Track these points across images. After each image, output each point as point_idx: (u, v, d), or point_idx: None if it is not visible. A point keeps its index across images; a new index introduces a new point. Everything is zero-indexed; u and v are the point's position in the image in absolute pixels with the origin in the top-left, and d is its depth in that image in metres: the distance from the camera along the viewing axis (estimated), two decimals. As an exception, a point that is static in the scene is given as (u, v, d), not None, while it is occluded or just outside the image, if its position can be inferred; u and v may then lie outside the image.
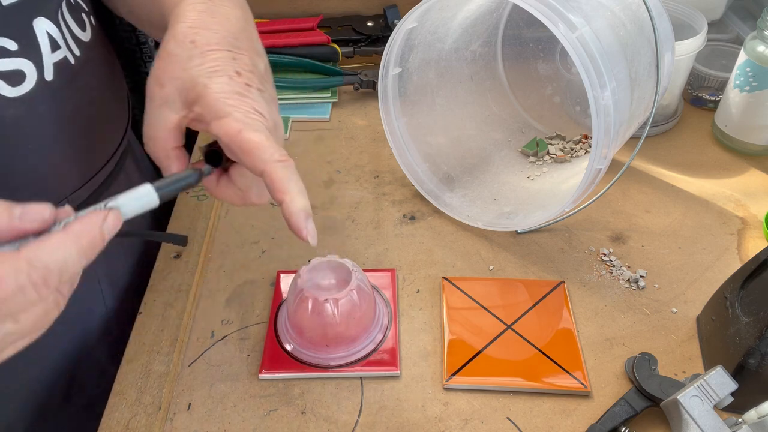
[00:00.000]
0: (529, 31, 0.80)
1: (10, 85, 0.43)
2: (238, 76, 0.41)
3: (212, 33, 0.42)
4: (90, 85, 0.52)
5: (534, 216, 0.64)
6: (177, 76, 0.40)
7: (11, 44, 0.43)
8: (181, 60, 0.41)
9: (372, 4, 0.93)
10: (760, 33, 0.70)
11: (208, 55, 0.41)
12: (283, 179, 0.39)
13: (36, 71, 0.45)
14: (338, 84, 0.86)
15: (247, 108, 0.39)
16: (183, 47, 0.41)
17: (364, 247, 0.67)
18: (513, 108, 0.83)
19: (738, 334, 0.50)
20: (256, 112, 0.40)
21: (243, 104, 0.39)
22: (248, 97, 0.40)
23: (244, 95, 0.40)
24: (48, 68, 0.46)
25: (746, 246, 0.66)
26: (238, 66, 0.41)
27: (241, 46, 0.43)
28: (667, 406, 0.49)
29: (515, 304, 0.60)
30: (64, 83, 0.48)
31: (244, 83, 0.41)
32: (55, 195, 0.50)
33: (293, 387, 0.55)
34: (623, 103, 0.57)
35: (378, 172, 0.77)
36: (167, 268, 0.63)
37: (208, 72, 0.40)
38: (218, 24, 0.43)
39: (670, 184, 0.74)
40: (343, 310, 0.53)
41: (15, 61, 0.43)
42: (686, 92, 0.84)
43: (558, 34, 0.52)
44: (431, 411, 0.53)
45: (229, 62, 0.41)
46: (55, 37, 0.47)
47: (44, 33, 0.46)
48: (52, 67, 0.46)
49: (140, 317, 0.59)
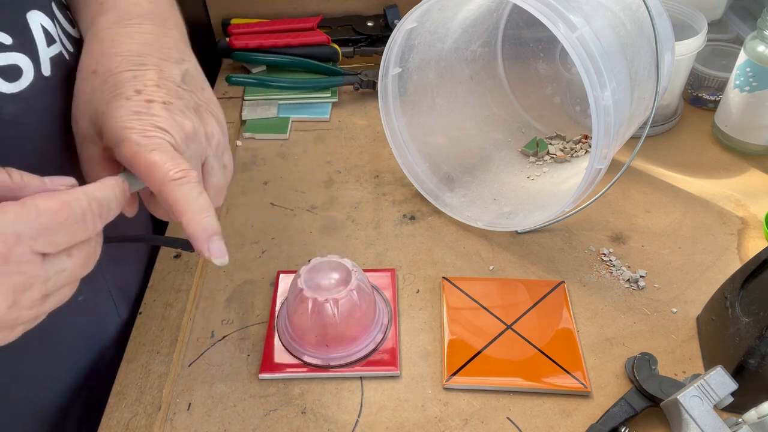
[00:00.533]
0: (529, 31, 0.80)
1: (7, 81, 0.42)
2: (137, 94, 0.40)
3: (112, 57, 0.42)
4: None
5: (534, 216, 0.64)
6: (84, 110, 0.41)
7: (5, 38, 0.41)
8: (86, 93, 0.41)
9: (372, 4, 0.93)
10: (760, 33, 0.70)
11: (108, 81, 0.41)
12: (179, 200, 0.38)
13: (33, 66, 0.43)
14: (338, 84, 0.86)
15: (145, 126, 0.39)
16: (86, 80, 0.42)
17: (364, 247, 0.67)
18: (513, 108, 0.83)
19: (738, 334, 0.50)
20: (157, 128, 0.39)
21: (141, 124, 0.39)
22: (148, 114, 0.40)
23: (142, 114, 0.39)
24: (45, 63, 0.44)
25: (746, 246, 0.66)
26: (138, 83, 0.41)
27: (146, 62, 0.42)
28: (667, 406, 0.49)
29: (515, 304, 0.60)
30: (62, 79, 0.46)
31: (145, 100, 0.40)
32: None
33: (293, 387, 0.55)
34: (623, 103, 0.57)
35: (378, 172, 0.77)
36: (167, 268, 0.63)
37: (107, 99, 0.40)
38: (120, 45, 0.43)
39: (670, 184, 0.74)
40: (343, 310, 0.53)
41: (10, 55, 0.42)
42: (686, 92, 0.84)
43: (558, 34, 0.52)
44: (431, 411, 0.53)
45: (128, 82, 0.41)
46: (50, 30, 0.45)
47: (39, 26, 0.44)
48: (49, 62, 0.45)
49: (140, 317, 0.59)
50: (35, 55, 0.44)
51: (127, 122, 0.39)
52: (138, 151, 0.38)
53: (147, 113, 0.40)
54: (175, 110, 0.41)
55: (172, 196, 0.38)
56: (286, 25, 0.89)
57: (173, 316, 0.58)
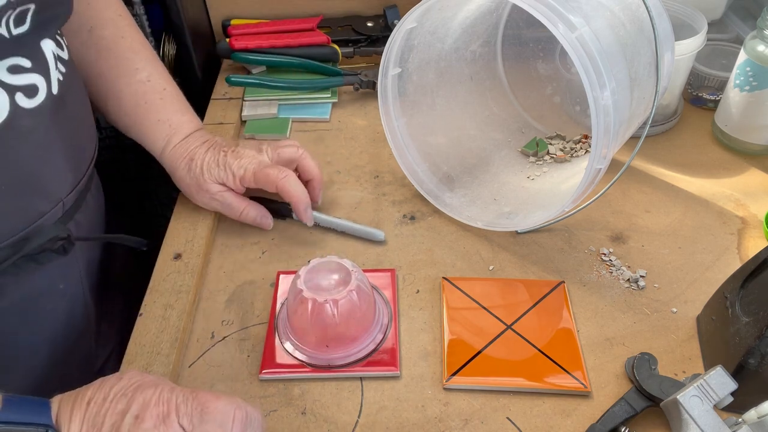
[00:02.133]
0: (529, 31, 0.80)
1: (27, 97, 0.50)
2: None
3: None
4: (75, 99, 0.58)
5: (534, 216, 0.64)
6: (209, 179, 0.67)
7: (26, 62, 0.50)
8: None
9: (372, 4, 0.93)
10: (760, 32, 0.70)
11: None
12: (288, 190, 0.66)
13: (46, 85, 0.52)
14: (338, 84, 0.86)
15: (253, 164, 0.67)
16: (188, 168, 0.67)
17: (364, 247, 0.67)
18: (513, 108, 0.83)
19: (738, 333, 0.50)
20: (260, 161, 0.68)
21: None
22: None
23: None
24: (54, 82, 0.53)
25: (746, 246, 0.66)
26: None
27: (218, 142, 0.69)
28: (667, 406, 0.49)
29: (515, 304, 0.60)
30: (64, 96, 0.54)
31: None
32: (53, 197, 0.56)
33: (293, 387, 0.55)
34: (623, 103, 0.57)
35: (378, 172, 0.77)
36: (167, 269, 0.63)
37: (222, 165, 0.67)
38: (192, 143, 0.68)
39: (670, 183, 0.74)
40: (343, 310, 0.53)
41: (30, 76, 0.50)
42: (686, 92, 0.84)
43: (557, 34, 0.52)
44: (431, 411, 0.53)
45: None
46: (57, 54, 0.54)
47: (50, 51, 0.53)
48: (56, 82, 0.53)
49: (140, 318, 0.59)
50: (47, 75, 0.52)
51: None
52: (258, 171, 0.65)
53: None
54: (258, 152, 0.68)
55: (283, 188, 0.64)
56: (286, 26, 0.89)
57: (173, 317, 0.58)
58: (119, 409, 0.42)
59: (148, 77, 0.67)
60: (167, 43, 0.90)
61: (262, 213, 0.68)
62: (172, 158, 0.66)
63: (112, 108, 0.67)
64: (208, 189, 0.65)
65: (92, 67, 0.66)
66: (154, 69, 0.68)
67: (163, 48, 0.90)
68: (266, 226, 0.68)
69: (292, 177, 0.65)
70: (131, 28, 0.68)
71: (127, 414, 0.41)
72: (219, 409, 0.42)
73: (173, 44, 0.89)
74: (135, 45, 0.67)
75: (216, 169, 0.65)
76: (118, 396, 0.42)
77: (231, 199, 0.66)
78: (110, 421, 0.41)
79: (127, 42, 0.67)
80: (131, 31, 0.68)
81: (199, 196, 0.67)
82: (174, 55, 0.90)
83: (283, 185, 0.64)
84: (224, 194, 0.66)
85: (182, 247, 0.65)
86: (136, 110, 0.66)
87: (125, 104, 0.66)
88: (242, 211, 0.67)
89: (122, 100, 0.66)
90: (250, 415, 0.43)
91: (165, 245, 0.66)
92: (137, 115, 0.67)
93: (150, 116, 0.66)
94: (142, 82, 0.66)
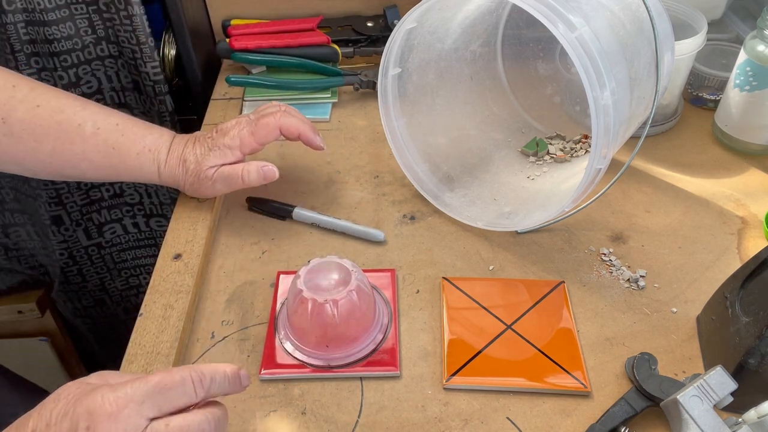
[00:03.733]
0: (529, 31, 0.80)
1: None
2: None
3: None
4: None
5: (534, 216, 0.64)
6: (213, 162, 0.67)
7: None
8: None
9: (372, 4, 0.93)
10: (760, 32, 0.70)
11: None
12: (290, 126, 0.67)
13: None
14: (338, 84, 0.86)
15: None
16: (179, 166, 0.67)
17: (364, 247, 0.67)
18: (513, 108, 0.83)
19: (738, 333, 0.50)
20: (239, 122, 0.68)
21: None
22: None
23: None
24: None
25: (746, 246, 0.66)
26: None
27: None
28: (667, 406, 0.49)
29: (515, 304, 0.60)
30: None
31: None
32: None
33: (293, 387, 0.55)
34: (623, 103, 0.57)
35: (378, 172, 0.77)
36: (167, 269, 0.63)
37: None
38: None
39: (670, 183, 0.74)
40: (343, 310, 0.53)
41: None
42: (686, 92, 0.84)
43: (557, 34, 0.52)
44: (431, 411, 0.53)
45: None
46: None
47: None
48: None
49: (141, 318, 0.59)
50: None
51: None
52: (253, 130, 0.65)
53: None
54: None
55: (284, 126, 0.66)
56: (286, 26, 0.89)
57: (173, 317, 0.59)
58: (65, 429, 0.39)
59: (95, 125, 0.63)
60: (167, 43, 0.90)
61: (261, 164, 0.65)
62: (169, 174, 0.65)
63: (85, 171, 0.65)
64: (207, 175, 0.64)
65: (38, 152, 0.62)
66: (90, 112, 0.64)
67: (163, 48, 0.90)
68: (272, 174, 0.66)
69: (287, 111, 0.66)
70: (36, 90, 0.62)
71: (78, 430, 0.39)
72: (176, 380, 0.40)
73: (173, 44, 0.89)
74: (55, 104, 0.62)
75: (210, 155, 0.64)
76: (60, 416, 0.40)
77: (227, 170, 0.65)
78: None
79: (46, 107, 0.62)
80: (39, 92, 0.62)
81: (203, 189, 0.66)
82: (174, 55, 0.90)
83: (285, 123, 0.65)
84: (220, 170, 0.65)
85: (182, 247, 0.65)
86: (110, 160, 0.64)
87: (97, 161, 0.63)
88: (242, 174, 0.65)
89: (92, 161, 0.63)
90: (206, 372, 0.42)
91: (165, 245, 0.66)
92: (115, 164, 0.64)
93: (127, 156, 0.64)
94: (95, 134, 0.63)
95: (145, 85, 0.88)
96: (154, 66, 0.85)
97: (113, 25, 0.84)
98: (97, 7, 0.83)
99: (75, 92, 0.89)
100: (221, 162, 0.65)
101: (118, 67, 0.89)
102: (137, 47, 0.84)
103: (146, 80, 0.87)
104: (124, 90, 0.91)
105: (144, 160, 0.65)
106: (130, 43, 0.84)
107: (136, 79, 0.88)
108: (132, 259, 1.09)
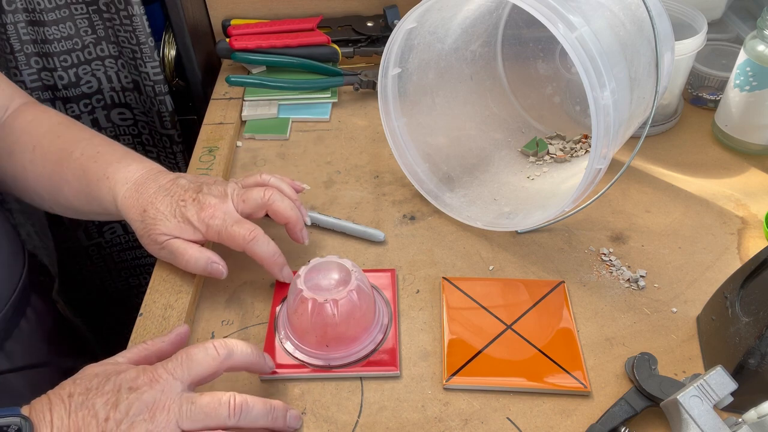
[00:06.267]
0: (529, 31, 0.80)
1: None
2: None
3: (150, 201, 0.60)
4: None
5: (534, 216, 0.64)
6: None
7: None
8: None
9: (372, 4, 0.93)
10: (760, 32, 0.70)
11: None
12: (257, 253, 0.60)
13: None
14: (338, 84, 0.86)
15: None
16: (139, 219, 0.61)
17: (364, 247, 0.67)
18: (513, 108, 0.83)
19: (738, 333, 0.50)
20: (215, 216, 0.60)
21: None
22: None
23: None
24: None
25: (746, 246, 0.66)
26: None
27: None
28: (667, 406, 0.49)
29: (515, 304, 0.60)
30: None
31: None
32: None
33: (293, 387, 0.55)
34: (623, 103, 0.57)
35: (378, 172, 0.77)
36: (167, 269, 0.63)
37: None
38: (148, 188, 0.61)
39: (670, 183, 0.74)
40: (343, 310, 0.53)
41: None
42: (686, 92, 0.84)
43: (557, 34, 0.52)
44: (431, 411, 0.53)
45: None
46: None
47: None
48: None
49: (140, 318, 0.59)
50: None
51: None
52: (222, 231, 0.59)
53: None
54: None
55: (251, 252, 0.59)
56: (286, 26, 0.89)
57: (173, 317, 0.58)
58: (107, 389, 0.43)
59: (81, 151, 0.62)
60: (167, 43, 0.90)
61: (212, 260, 0.59)
62: (124, 209, 0.60)
63: (68, 197, 0.64)
64: (155, 240, 0.59)
65: (42, 176, 0.64)
66: (88, 142, 0.64)
67: (163, 48, 0.90)
68: (218, 274, 0.59)
69: (261, 238, 0.58)
70: (64, 124, 0.66)
71: (120, 390, 0.43)
72: (199, 346, 0.47)
73: (173, 44, 0.89)
74: (69, 136, 0.65)
75: (172, 221, 0.58)
76: (101, 378, 0.44)
77: (177, 246, 0.58)
78: (101, 401, 0.43)
79: (64, 138, 0.64)
80: (67, 126, 0.66)
81: (150, 247, 0.60)
82: (174, 55, 0.90)
83: (251, 249, 0.58)
84: (171, 241, 0.59)
85: (182, 247, 0.65)
86: (80, 183, 0.62)
87: (74, 186, 0.63)
88: (187, 258, 0.58)
89: (71, 185, 0.63)
90: (229, 342, 0.49)
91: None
92: (85, 189, 0.62)
93: (91, 180, 0.61)
94: (77, 159, 0.62)
95: (145, 85, 0.88)
96: (154, 66, 0.86)
97: (113, 25, 0.84)
98: (97, 7, 0.83)
99: (75, 92, 0.89)
100: (176, 234, 0.58)
101: (118, 67, 0.89)
102: (137, 47, 0.84)
103: (146, 80, 0.87)
104: (124, 90, 0.91)
105: (102, 187, 0.61)
106: (130, 43, 0.84)
107: (136, 79, 0.89)
108: (132, 259, 1.09)
